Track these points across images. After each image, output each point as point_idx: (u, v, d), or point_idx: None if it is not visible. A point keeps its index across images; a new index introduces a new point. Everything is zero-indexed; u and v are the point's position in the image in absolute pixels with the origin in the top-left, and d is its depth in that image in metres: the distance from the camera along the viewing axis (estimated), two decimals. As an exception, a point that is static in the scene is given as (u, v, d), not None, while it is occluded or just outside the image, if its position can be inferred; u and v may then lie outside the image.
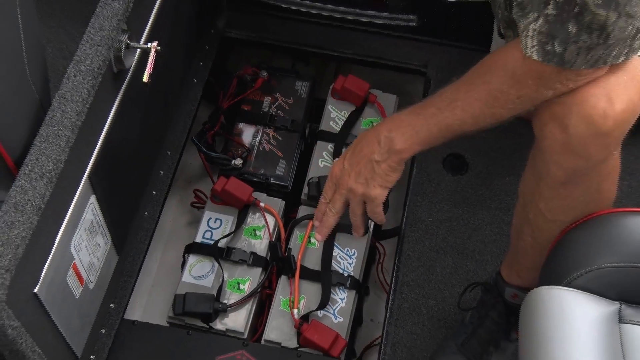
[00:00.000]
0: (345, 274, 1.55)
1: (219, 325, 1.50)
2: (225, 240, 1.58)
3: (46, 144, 1.08)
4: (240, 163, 1.66)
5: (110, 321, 1.45)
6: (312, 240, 1.58)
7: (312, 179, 1.64)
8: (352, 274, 1.55)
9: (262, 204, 1.61)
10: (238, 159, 1.67)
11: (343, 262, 1.57)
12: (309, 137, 1.76)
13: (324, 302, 1.51)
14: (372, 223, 1.61)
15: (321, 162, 1.68)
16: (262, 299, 1.58)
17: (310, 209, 1.62)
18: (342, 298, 1.53)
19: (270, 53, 1.94)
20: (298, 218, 1.61)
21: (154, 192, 1.60)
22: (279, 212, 1.62)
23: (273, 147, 1.71)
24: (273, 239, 1.59)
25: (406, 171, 1.75)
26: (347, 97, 1.74)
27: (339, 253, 1.57)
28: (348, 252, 1.58)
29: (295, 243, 1.58)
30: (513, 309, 1.46)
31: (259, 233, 1.60)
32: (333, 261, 1.56)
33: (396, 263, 1.63)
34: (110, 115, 1.27)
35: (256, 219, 1.61)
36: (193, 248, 1.58)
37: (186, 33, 1.67)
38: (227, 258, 1.56)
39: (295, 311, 1.50)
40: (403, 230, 1.66)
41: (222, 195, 1.61)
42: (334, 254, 1.57)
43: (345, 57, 1.87)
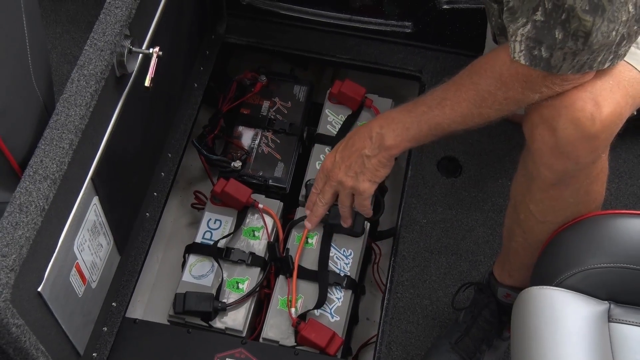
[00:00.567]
0: (341, 274, 1.55)
1: (219, 323, 1.51)
2: (224, 240, 1.59)
3: (50, 147, 1.08)
4: (239, 165, 1.66)
5: (112, 319, 1.45)
6: (310, 241, 1.58)
7: (310, 181, 1.64)
8: (349, 274, 1.55)
9: (261, 206, 1.61)
10: (237, 162, 1.67)
11: (339, 263, 1.57)
12: (307, 140, 1.76)
13: (321, 301, 1.51)
14: (368, 225, 1.62)
15: (318, 165, 1.67)
16: (261, 298, 1.58)
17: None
18: (339, 297, 1.53)
19: (269, 58, 1.94)
20: (296, 219, 1.60)
21: (155, 194, 1.60)
22: (277, 214, 1.62)
23: (272, 150, 1.71)
24: (271, 240, 1.59)
25: (401, 173, 1.77)
26: (344, 101, 1.74)
27: (336, 253, 1.57)
28: (344, 253, 1.58)
29: (293, 243, 1.58)
30: (505, 308, 1.47)
31: (258, 234, 1.60)
32: (330, 261, 1.56)
33: (391, 263, 1.63)
34: (112, 118, 1.26)
35: (255, 220, 1.62)
36: (193, 248, 1.59)
37: (187, 38, 1.66)
38: (227, 258, 1.56)
39: (292, 310, 1.50)
40: (398, 231, 1.67)
41: (222, 196, 1.61)
42: (331, 255, 1.57)
43: (342, 62, 1.87)
